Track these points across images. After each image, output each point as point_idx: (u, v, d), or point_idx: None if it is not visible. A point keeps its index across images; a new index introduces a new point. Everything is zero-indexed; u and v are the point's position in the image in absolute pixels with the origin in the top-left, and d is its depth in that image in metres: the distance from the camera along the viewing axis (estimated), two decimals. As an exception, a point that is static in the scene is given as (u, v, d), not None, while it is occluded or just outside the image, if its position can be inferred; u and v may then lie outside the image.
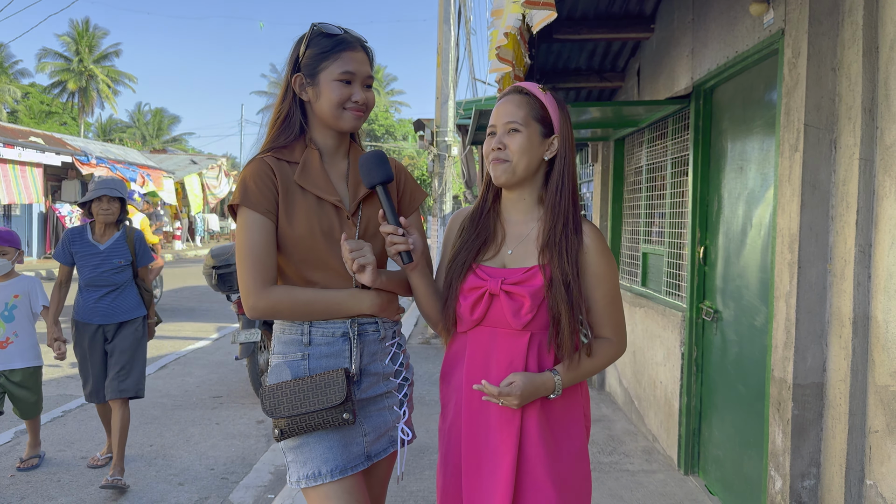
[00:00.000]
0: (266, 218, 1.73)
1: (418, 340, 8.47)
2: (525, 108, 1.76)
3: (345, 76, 1.78)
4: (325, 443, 1.75)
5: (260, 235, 1.72)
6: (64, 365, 6.83)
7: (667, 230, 4.30)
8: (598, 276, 1.75)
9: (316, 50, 1.80)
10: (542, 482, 1.70)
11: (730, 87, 3.49)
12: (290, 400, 1.72)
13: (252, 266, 1.71)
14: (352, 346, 1.81)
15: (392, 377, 1.89)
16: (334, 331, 1.80)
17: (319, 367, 1.79)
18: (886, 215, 2.19)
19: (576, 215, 1.77)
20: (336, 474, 1.73)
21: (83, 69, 44.67)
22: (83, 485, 3.91)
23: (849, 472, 2.35)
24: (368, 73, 1.83)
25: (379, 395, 1.86)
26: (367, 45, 1.88)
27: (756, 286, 3.10)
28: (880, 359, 2.21)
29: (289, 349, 1.81)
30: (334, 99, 1.78)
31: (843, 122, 2.41)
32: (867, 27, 2.27)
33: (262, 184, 1.75)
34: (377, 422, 1.85)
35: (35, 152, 17.66)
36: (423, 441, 4.36)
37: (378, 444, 1.86)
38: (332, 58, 1.79)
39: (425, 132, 10.26)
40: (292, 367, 1.79)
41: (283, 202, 1.76)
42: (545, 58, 5.06)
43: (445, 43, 9.42)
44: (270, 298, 1.72)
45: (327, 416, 1.71)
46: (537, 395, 1.69)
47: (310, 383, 1.73)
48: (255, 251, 1.71)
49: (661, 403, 4.24)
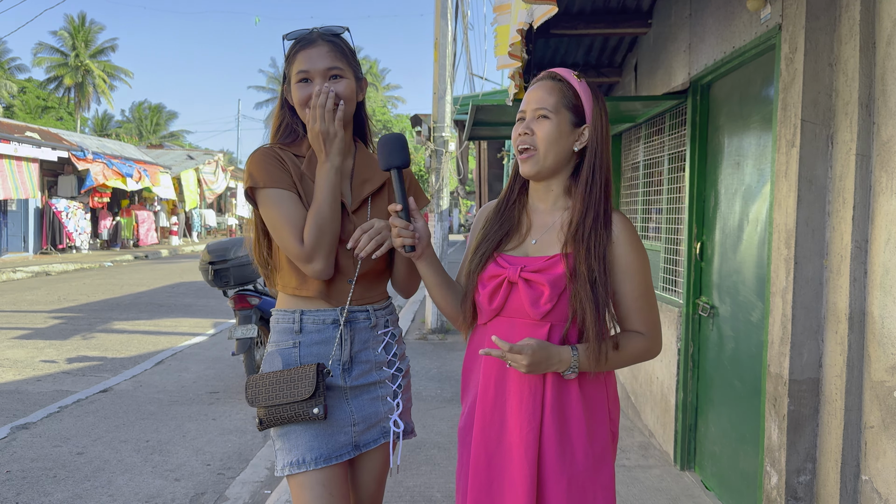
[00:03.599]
0: (289, 191, 1.76)
1: (415, 336, 8.47)
2: (556, 95, 1.69)
3: (301, 76, 1.79)
4: (312, 431, 1.77)
5: (288, 204, 1.74)
6: (59, 360, 6.83)
7: (663, 226, 4.30)
8: (628, 268, 1.68)
9: (286, 57, 1.85)
10: (550, 490, 1.63)
11: (727, 83, 3.48)
12: (267, 391, 1.75)
13: (293, 234, 1.71)
14: (342, 333, 1.82)
15: (385, 366, 1.89)
16: (324, 318, 1.81)
17: (310, 354, 1.81)
18: (883, 211, 2.19)
19: (607, 208, 1.70)
20: (320, 462, 1.75)
21: (79, 64, 44.53)
22: (79, 480, 3.91)
23: (844, 467, 2.35)
24: (328, 66, 1.78)
25: (371, 383, 1.86)
26: (335, 36, 1.85)
27: (752, 282, 3.10)
28: (876, 354, 2.21)
29: (281, 338, 1.83)
30: (297, 101, 1.81)
31: (839, 118, 2.41)
32: (864, 23, 2.27)
33: (279, 165, 1.78)
34: (368, 411, 1.85)
35: (31, 147, 17.62)
36: (421, 437, 4.36)
37: (368, 434, 1.85)
38: (291, 61, 1.82)
39: (422, 127, 10.24)
40: (284, 354, 1.81)
41: (298, 184, 1.79)
42: (542, 53, 5.05)
43: (442, 38, 9.39)
44: (310, 246, 1.72)
45: (297, 410, 1.73)
46: (550, 367, 1.61)
47: (285, 376, 1.75)
48: (289, 221, 1.72)
49: (658, 399, 4.24)
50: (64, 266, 16.69)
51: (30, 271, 15.43)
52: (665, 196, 4.27)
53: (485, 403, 1.72)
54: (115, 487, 3.82)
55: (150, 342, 7.95)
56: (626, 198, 5.32)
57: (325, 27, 1.84)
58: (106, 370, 6.59)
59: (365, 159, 1.93)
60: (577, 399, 1.67)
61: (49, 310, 10.29)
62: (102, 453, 4.35)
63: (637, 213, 4.94)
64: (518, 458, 1.65)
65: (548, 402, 1.66)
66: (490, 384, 1.71)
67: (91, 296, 11.82)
